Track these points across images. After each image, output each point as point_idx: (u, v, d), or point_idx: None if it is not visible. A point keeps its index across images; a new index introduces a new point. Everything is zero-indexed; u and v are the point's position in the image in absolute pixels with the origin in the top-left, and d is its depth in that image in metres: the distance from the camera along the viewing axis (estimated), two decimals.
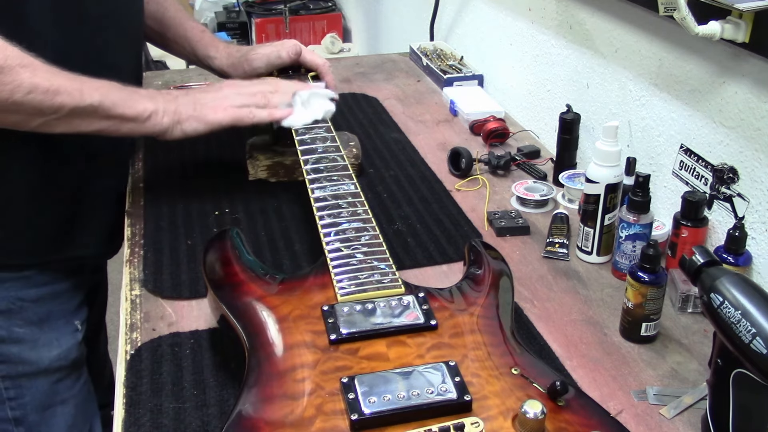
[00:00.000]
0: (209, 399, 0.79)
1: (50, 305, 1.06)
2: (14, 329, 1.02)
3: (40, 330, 1.04)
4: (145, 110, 0.98)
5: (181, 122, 1.01)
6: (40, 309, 1.04)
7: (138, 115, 0.97)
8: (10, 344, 1.02)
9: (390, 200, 1.18)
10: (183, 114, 1.01)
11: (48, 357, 1.05)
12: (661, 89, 1.10)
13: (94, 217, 1.09)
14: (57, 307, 1.07)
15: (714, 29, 0.90)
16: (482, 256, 0.90)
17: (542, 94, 1.45)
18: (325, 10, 3.23)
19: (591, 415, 0.68)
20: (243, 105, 1.04)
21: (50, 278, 1.06)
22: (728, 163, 0.98)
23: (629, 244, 0.98)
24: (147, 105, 0.98)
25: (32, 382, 1.05)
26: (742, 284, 0.68)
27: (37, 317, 1.04)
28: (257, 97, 1.06)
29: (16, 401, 1.04)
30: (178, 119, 1.01)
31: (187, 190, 1.20)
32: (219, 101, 1.04)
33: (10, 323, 1.01)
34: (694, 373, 0.85)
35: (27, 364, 1.04)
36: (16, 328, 1.02)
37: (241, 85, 1.09)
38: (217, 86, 1.08)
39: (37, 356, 1.04)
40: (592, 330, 0.92)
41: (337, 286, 0.80)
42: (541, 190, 1.20)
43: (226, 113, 1.03)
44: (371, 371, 0.70)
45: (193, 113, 1.01)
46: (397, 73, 1.78)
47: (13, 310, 1.01)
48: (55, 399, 1.07)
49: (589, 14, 1.27)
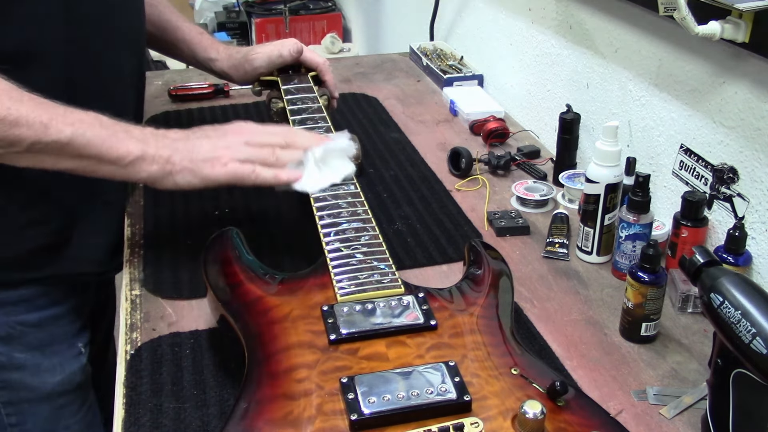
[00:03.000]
0: (209, 399, 0.79)
1: (52, 328, 1.01)
2: (15, 355, 0.98)
3: (42, 355, 1.00)
4: (129, 153, 0.85)
5: (174, 174, 0.88)
6: (41, 333, 1.00)
7: (118, 158, 0.85)
8: (12, 370, 0.98)
9: (390, 200, 1.18)
10: (177, 164, 0.88)
11: (51, 382, 1.01)
12: (661, 89, 1.10)
13: (95, 232, 1.03)
14: (59, 330, 1.02)
15: (714, 29, 0.90)
16: (482, 256, 0.90)
17: (542, 94, 1.45)
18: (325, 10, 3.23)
19: (591, 416, 0.68)
20: (247, 160, 0.91)
21: (51, 300, 1.01)
22: (728, 163, 0.98)
23: (629, 244, 0.98)
24: (132, 148, 0.86)
25: (34, 408, 1.01)
26: (742, 284, 0.68)
27: (38, 342, 0.99)
28: (264, 152, 0.92)
29: (18, 428, 1.00)
30: (170, 170, 0.88)
31: (187, 190, 1.20)
32: (220, 152, 0.90)
33: (10, 349, 0.97)
34: (694, 373, 0.85)
35: (29, 390, 1.00)
36: (17, 353, 0.98)
37: (249, 133, 0.94)
38: (222, 130, 0.94)
39: (40, 382, 1.00)
40: (592, 330, 0.92)
41: (337, 286, 0.80)
42: (541, 190, 1.19)
43: (225, 169, 0.89)
44: (371, 371, 0.70)
45: (188, 164, 0.88)
46: (397, 73, 1.78)
47: (13, 335, 0.97)
48: (58, 425, 1.03)
49: (589, 14, 1.27)
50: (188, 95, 1.56)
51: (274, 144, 0.93)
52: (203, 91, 1.57)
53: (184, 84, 1.59)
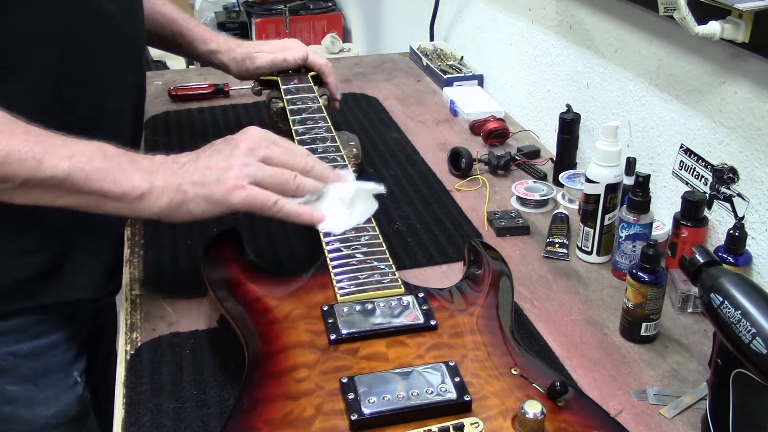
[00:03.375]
0: (209, 399, 0.79)
1: (46, 358, 0.95)
2: (7, 388, 0.92)
3: (35, 387, 0.94)
4: (134, 189, 0.78)
5: (187, 202, 0.80)
6: (34, 364, 0.93)
7: (123, 195, 0.77)
8: (4, 404, 0.93)
9: (390, 200, 1.18)
10: (189, 191, 0.80)
11: (45, 415, 0.95)
12: (661, 89, 1.10)
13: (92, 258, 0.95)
14: (53, 359, 0.95)
15: (714, 29, 0.90)
16: (482, 256, 0.90)
17: (542, 94, 1.45)
18: (325, 10, 3.23)
19: (591, 416, 0.68)
20: (265, 182, 0.82)
21: (45, 329, 0.94)
22: (728, 163, 0.98)
23: (629, 244, 0.98)
24: (138, 182, 0.78)
25: None
26: (742, 284, 0.68)
27: (32, 373, 0.93)
28: (286, 176, 0.83)
29: None
30: (182, 199, 0.80)
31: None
32: (235, 171, 0.81)
33: (2, 382, 0.92)
34: (694, 373, 0.85)
35: (22, 423, 0.94)
36: (9, 386, 0.92)
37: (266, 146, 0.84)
38: (234, 142, 0.84)
39: (33, 415, 0.95)
40: (592, 330, 0.92)
41: (337, 286, 0.80)
42: (541, 190, 1.19)
43: (245, 194, 0.81)
44: (371, 371, 0.70)
45: (201, 191, 0.80)
46: (397, 73, 1.78)
47: (4, 367, 0.91)
48: None
49: (589, 14, 1.27)
50: (188, 95, 1.56)
51: (295, 167, 0.84)
52: (203, 91, 1.57)
53: (184, 84, 1.59)
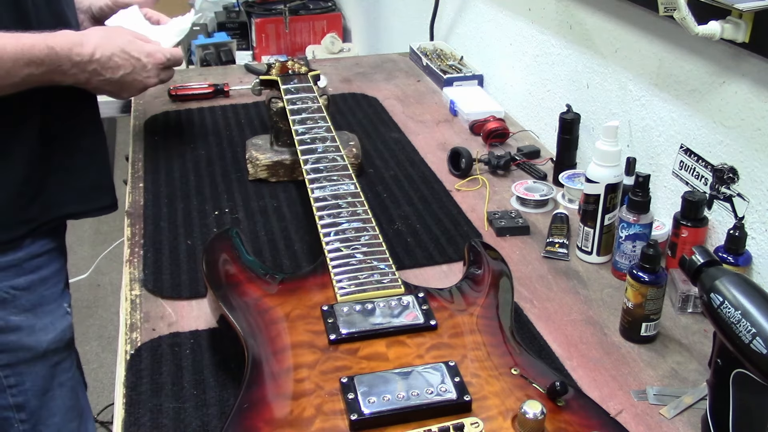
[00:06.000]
0: (209, 399, 0.79)
1: (41, 290, 1.07)
2: (10, 318, 1.03)
3: (35, 316, 1.06)
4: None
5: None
6: (31, 296, 1.06)
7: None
8: (8, 333, 1.04)
9: (390, 200, 1.18)
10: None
11: (46, 340, 1.06)
12: (661, 89, 1.10)
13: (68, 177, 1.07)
14: (46, 292, 1.08)
15: (714, 29, 0.90)
16: (482, 256, 0.90)
17: (542, 94, 1.45)
18: (325, 10, 3.22)
19: (591, 416, 0.68)
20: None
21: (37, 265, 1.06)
22: (728, 163, 0.98)
23: (629, 244, 0.98)
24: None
25: (31, 368, 1.06)
26: (742, 284, 0.68)
27: (30, 304, 1.05)
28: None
29: (17, 388, 1.05)
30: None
31: (187, 190, 1.20)
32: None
33: (6, 312, 1.03)
34: (694, 373, 0.85)
35: (26, 350, 1.05)
36: (12, 316, 1.03)
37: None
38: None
39: (35, 341, 1.06)
40: (592, 330, 0.92)
41: (337, 286, 0.80)
42: (541, 190, 1.19)
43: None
44: (371, 371, 0.70)
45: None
46: (397, 73, 1.78)
47: (6, 299, 1.03)
48: (53, 383, 1.09)
49: (589, 14, 1.27)
50: (188, 95, 1.56)
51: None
52: (203, 91, 1.57)
53: (183, 84, 1.59)
